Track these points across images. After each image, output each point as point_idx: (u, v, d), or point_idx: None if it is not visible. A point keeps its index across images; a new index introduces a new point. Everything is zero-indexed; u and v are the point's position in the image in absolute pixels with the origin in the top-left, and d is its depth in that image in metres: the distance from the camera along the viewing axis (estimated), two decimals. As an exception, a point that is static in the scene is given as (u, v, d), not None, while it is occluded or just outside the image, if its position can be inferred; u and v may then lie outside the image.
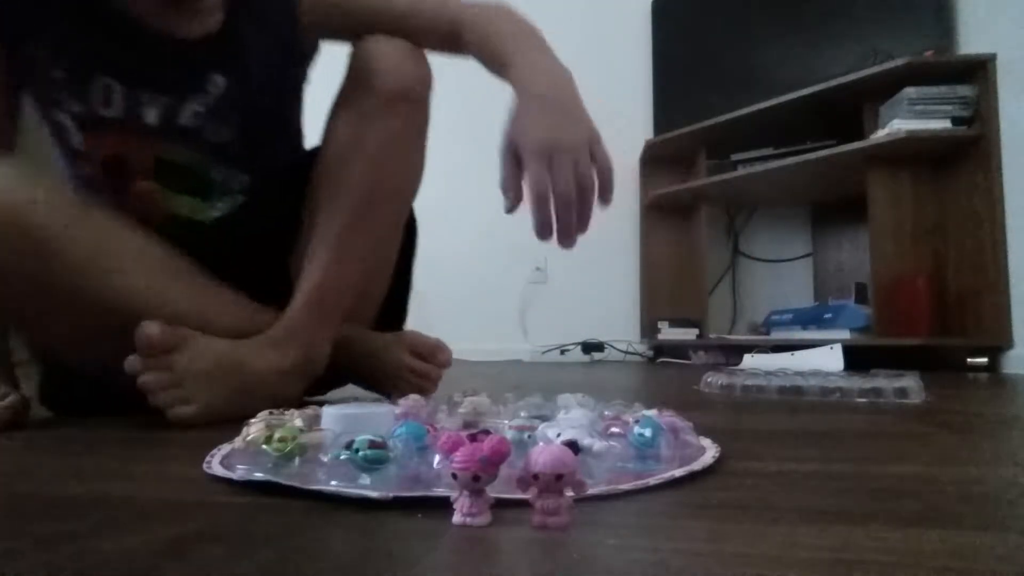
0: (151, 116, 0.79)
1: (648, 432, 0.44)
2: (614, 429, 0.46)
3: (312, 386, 0.86)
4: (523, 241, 0.61)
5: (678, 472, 0.42)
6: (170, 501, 0.38)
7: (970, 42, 2.09)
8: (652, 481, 0.40)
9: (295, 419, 0.48)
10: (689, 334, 2.48)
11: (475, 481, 0.31)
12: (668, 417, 0.50)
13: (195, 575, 0.26)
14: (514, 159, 0.67)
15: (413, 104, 0.83)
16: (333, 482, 0.38)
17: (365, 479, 0.38)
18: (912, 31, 2.14)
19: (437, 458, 0.37)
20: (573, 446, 0.42)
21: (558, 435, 0.43)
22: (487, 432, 0.33)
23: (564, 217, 0.65)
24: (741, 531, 0.31)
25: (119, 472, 0.48)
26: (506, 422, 0.43)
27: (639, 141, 2.68)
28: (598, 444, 0.42)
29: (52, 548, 0.29)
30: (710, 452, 0.48)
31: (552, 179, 0.64)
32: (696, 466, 0.44)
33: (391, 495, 0.35)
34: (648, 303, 2.69)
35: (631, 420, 0.48)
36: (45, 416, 0.81)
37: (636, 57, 2.81)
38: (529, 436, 0.44)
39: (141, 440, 0.61)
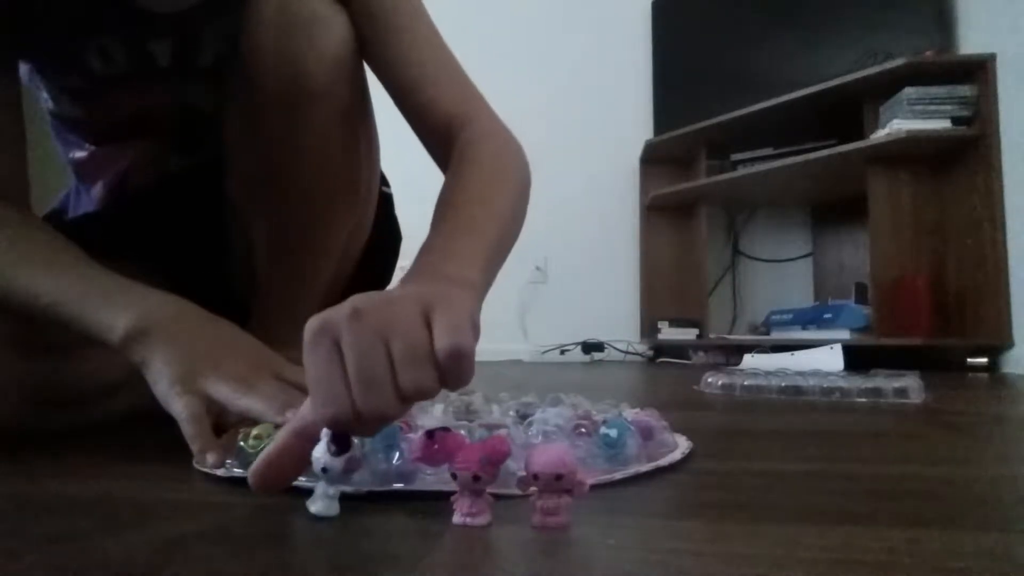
0: (163, 59, 0.67)
1: (614, 432, 0.44)
2: (582, 429, 0.46)
3: None
4: (523, 241, 0.60)
5: (643, 468, 0.42)
6: (170, 501, 0.38)
7: (970, 42, 2.09)
8: (617, 475, 0.41)
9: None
10: (689, 334, 2.48)
11: (475, 481, 0.31)
12: (641, 417, 0.50)
13: (195, 575, 0.26)
14: None
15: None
16: (302, 479, 0.38)
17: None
18: (912, 31, 2.14)
19: (397, 455, 0.38)
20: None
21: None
22: (446, 430, 0.33)
23: None
24: (741, 531, 0.31)
25: (119, 472, 0.48)
26: (476, 423, 0.43)
27: (639, 141, 2.68)
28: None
29: (52, 548, 0.29)
30: (680, 449, 0.48)
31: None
32: (663, 462, 0.44)
33: (365, 490, 0.36)
34: (648, 303, 2.69)
35: (599, 420, 0.47)
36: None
37: (636, 57, 2.80)
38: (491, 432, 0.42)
39: (141, 440, 0.61)
